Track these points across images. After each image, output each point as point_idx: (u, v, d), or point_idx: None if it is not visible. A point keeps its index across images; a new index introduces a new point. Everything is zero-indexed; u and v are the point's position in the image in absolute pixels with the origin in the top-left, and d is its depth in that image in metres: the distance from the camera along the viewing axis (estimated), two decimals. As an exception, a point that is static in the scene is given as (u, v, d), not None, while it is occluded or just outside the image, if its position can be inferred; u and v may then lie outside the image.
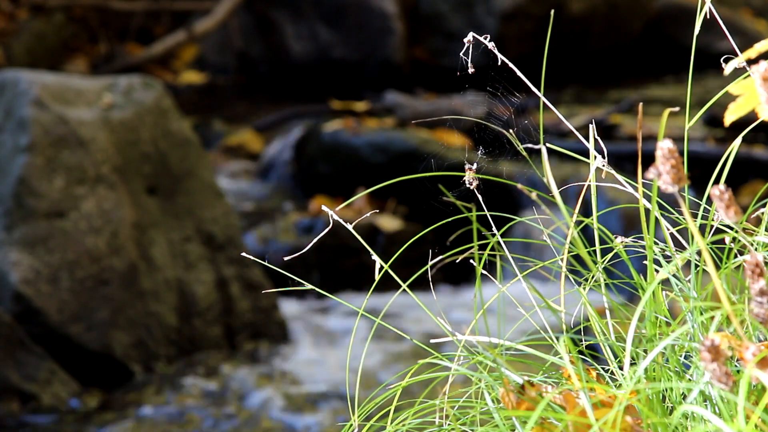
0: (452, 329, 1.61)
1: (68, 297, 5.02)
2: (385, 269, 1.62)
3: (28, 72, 5.35)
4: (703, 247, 1.37)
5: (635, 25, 9.03)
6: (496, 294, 1.66)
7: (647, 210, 1.52)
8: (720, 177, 1.58)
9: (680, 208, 1.45)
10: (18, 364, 4.85)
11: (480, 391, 1.53)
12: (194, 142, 5.47)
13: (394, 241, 6.06)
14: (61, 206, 5.07)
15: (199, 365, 5.25)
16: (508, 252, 1.64)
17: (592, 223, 1.61)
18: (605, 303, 1.61)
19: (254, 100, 8.31)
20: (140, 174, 5.28)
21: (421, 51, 8.58)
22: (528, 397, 1.48)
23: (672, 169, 1.29)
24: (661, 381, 1.49)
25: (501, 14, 8.40)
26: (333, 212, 1.65)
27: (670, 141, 1.30)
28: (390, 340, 5.33)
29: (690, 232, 1.52)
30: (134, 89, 5.40)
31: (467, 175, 1.62)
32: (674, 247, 1.59)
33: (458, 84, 1.71)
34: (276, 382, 5.07)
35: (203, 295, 5.34)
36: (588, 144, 1.62)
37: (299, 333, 5.62)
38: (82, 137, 5.14)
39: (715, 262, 1.55)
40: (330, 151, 6.68)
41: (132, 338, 5.12)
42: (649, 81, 8.50)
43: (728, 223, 1.52)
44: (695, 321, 1.50)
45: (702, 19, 1.63)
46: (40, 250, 5.02)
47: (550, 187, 1.48)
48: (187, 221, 5.37)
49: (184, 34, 8.25)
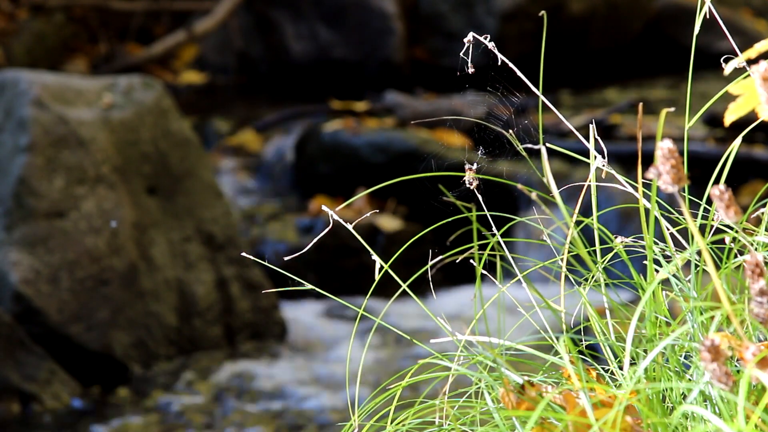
0: (452, 329, 1.61)
1: (68, 297, 5.02)
2: (385, 269, 1.62)
3: (28, 72, 5.35)
4: (703, 247, 1.37)
5: (635, 25, 9.02)
6: (495, 294, 1.66)
7: (647, 210, 1.52)
8: (720, 177, 1.58)
9: (680, 208, 1.45)
10: (18, 364, 4.85)
11: (480, 391, 1.53)
12: (194, 142, 5.47)
13: (394, 241, 6.06)
14: (61, 206, 5.06)
15: (199, 365, 5.25)
16: (508, 252, 1.64)
17: (592, 223, 1.61)
18: (605, 303, 1.61)
19: (254, 100, 8.31)
20: (140, 174, 5.28)
21: (421, 51, 8.57)
22: (528, 397, 1.48)
23: (672, 168, 1.29)
24: (661, 381, 1.49)
25: (501, 14, 8.40)
26: (333, 212, 1.64)
27: (670, 141, 1.30)
28: (390, 339, 5.33)
29: (690, 232, 1.52)
30: (134, 89, 5.40)
31: (467, 175, 1.62)
32: (674, 247, 1.59)
33: (458, 84, 1.71)
34: (276, 382, 5.06)
35: (203, 295, 5.34)
36: (588, 144, 1.62)
37: (299, 333, 5.62)
38: (82, 137, 5.14)
39: (715, 262, 1.55)
40: (330, 151, 6.67)
41: (132, 338, 5.12)
42: (649, 81, 8.50)
43: (728, 223, 1.52)
44: (695, 321, 1.50)
45: (702, 19, 1.63)
46: (40, 250, 5.01)
47: (550, 187, 1.48)
48: (187, 221, 5.37)
49: (184, 34, 8.25)
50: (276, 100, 8.10)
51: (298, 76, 8.56)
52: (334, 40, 8.48)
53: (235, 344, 5.42)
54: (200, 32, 8.28)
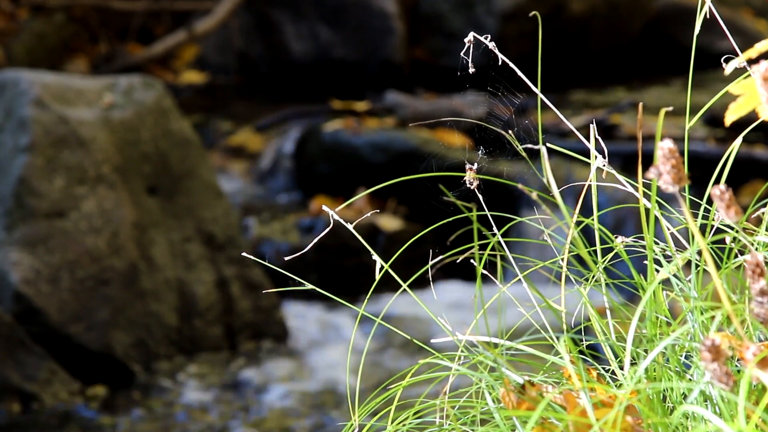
0: (453, 329, 1.60)
1: (68, 297, 5.02)
2: (386, 269, 1.62)
3: (28, 72, 5.34)
4: (704, 247, 1.37)
5: (635, 25, 9.02)
6: (497, 294, 1.66)
7: (647, 209, 1.52)
8: (720, 177, 1.58)
9: (680, 208, 1.45)
10: (18, 364, 4.85)
11: (480, 390, 1.53)
12: (195, 142, 5.47)
13: (394, 241, 6.05)
14: (61, 206, 5.06)
15: (200, 365, 5.25)
16: (508, 252, 1.64)
17: (592, 222, 1.61)
18: (606, 303, 1.61)
19: (255, 100, 8.31)
20: (140, 174, 5.28)
21: (422, 51, 8.57)
22: (528, 396, 1.48)
23: (672, 168, 1.29)
24: (662, 381, 1.49)
25: (501, 14, 8.39)
26: (333, 212, 1.64)
27: (671, 141, 1.29)
28: (390, 339, 5.32)
29: (690, 231, 1.52)
30: (135, 89, 5.39)
31: (468, 175, 1.62)
32: (675, 246, 1.59)
33: (459, 84, 1.71)
34: (276, 382, 5.06)
35: (204, 295, 5.33)
36: (588, 144, 1.62)
37: (300, 333, 5.61)
38: (82, 137, 5.14)
39: (716, 262, 1.55)
40: (330, 151, 6.67)
41: (132, 338, 5.12)
42: (650, 81, 8.49)
43: (729, 223, 1.51)
44: (696, 321, 1.50)
45: (702, 19, 1.63)
46: (40, 250, 5.01)
47: (550, 187, 1.48)
48: (187, 221, 5.37)
49: (184, 34, 8.24)
50: (276, 99, 8.10)
51: (299, 75, 8.55)
52: (334, 40, 8.48)
53: (236, 344, 5.41)
54: (201, 32, 8.28)
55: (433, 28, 8.55)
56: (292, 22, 8.53)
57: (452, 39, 8.39)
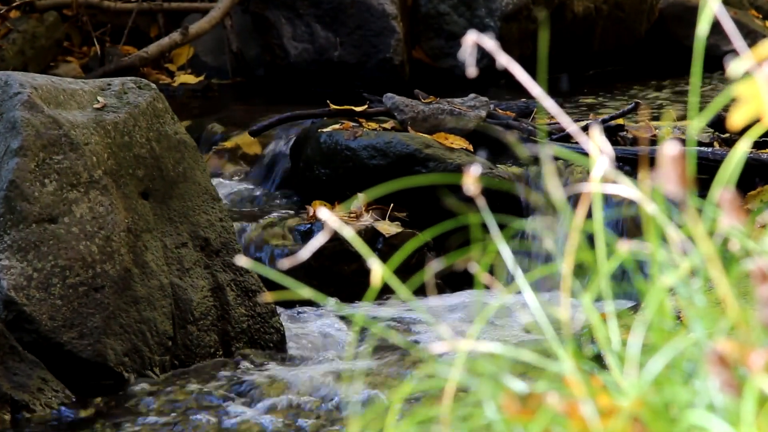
0: (454, 336, 1.59)
1: (60, 303, 4.98)
2: (386, 275, 1.60)
3: (19, 74, 5.30)
4: (709, 253, 1.35)
5: (640, 26, 9.01)
6: (498, 301, 1.64)
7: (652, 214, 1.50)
8: (726, 180, 1.56)
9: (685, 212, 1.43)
10: (9, 372, 4.81)
11: (481, 399, 1.52)
12: (189, 145, 5.43)
13: (393, 245, 6.03)
14: (53, 211, 5.02)
15: (195, 372, 5.21)
16: (511, 257, 1.62)
17: (596, 228, 1.59)
18: (610, 310, 1.59)
19: (251, 103, 8.29)
20: (134, 178, 5.24)
21: (421, 52, 8.56)
22: (530, 405, 1.47)
23: (677, 172, 1.27)
24: (667, 389, 1.47)
25: (502, 15, 8.38)
26: (331, 218, 1.62)
27: (676, 143, 1.28)
28: (389, 346, 5.29)
29: (695, 237, 1.50)
30: (128, 91, 5.36)
31: (468, 177, 1.59)
32: (680, 252, 1.57)
33: (459, 85, 1.68)
34: (273, 390, 5.03)
35: (198, 302, 5.29)
36: (592, 147, 1.60)
37: (297, 339, 5.59)
38: (74, 140, 5.10)
39: (722, 268, 1.53)
40: (328, 154, 6.64)
41: (126, 345, 5.08)
42: (655, 83, 8.49)
43: (734, 228, 1.49)
44: (701, 328, 1.48)
45: (709, 21, 1.61)
46: (31, 256, 4.97)
47: (553, 190, 1.46)
48: (181, 226, 5.33)
49: (179, 35, 8.21)
50: (273, 102, 8.08)
51: (296, 77, 8.54)
52: (332, 41, 8.47)
53: (232, 351, 5.38)
54: (195, 33, 8.26)
55: (433, 28, 8.53)
56: (289, 23, 8.52)
57: (452, 40, 8.38)
